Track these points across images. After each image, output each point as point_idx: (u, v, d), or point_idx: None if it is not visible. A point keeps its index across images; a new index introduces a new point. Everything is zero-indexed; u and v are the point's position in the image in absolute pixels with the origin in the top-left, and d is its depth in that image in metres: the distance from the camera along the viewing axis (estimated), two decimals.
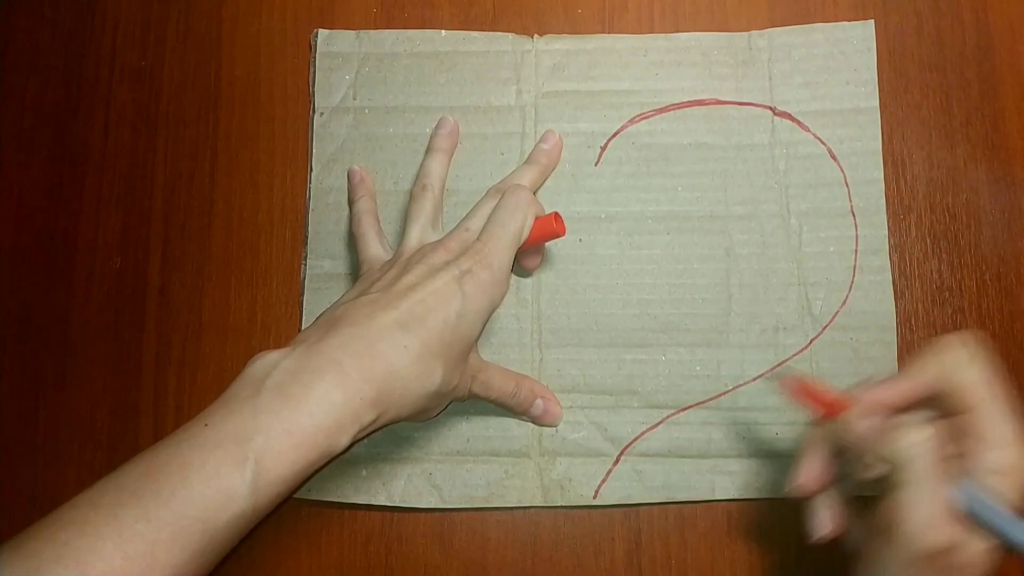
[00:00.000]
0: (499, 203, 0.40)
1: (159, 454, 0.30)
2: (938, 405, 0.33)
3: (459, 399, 0.40)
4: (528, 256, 0.44)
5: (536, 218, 0.40)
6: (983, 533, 0.31)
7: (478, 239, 0.39)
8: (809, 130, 0.46)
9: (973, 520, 0.31)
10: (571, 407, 0.44)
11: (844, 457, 0.35)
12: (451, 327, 0.35)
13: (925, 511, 0.30)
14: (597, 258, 0.45)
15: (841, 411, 0.34)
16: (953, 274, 0.45)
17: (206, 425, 0.30)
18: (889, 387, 0.34)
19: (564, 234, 0.40)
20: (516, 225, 0.39)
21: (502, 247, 0.38)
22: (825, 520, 0.35)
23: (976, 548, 0.31)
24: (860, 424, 0.33)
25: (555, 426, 0.44)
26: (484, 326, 0.38)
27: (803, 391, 0.36)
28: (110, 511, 0.28)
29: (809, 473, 0.35)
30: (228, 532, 0.29)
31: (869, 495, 0.33)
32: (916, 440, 0.31)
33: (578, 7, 0.48)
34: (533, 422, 0.44)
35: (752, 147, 0.46)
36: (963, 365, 0.33)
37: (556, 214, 0.40)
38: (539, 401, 0.43)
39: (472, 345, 0.38)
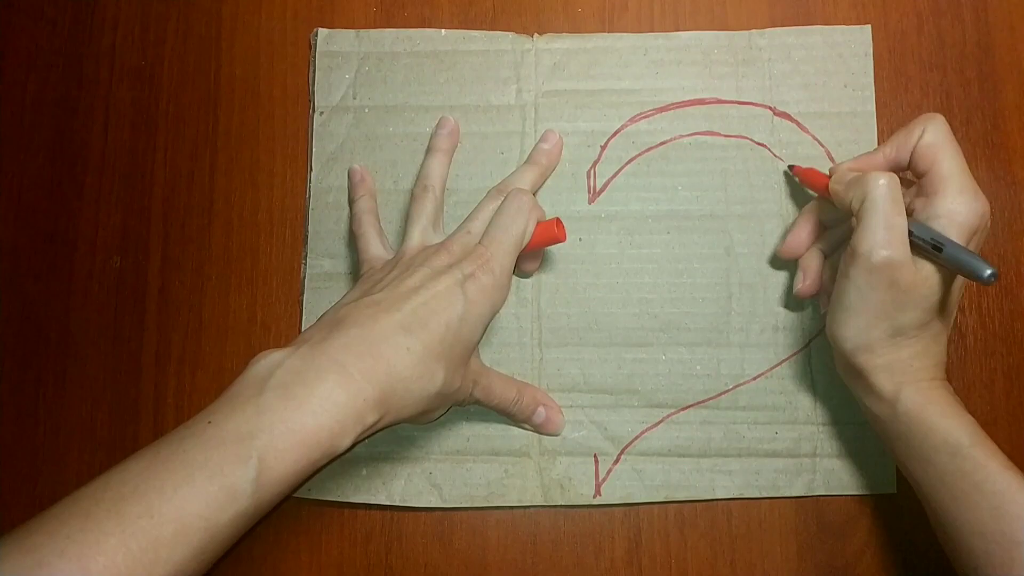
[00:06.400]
0: (501, 207, 0.40)
1: (161, 450, 0.30)
2: (913, 172, 0.39)
3: (460, 404, 0.40)
4: (527, 259, 0.44)
5: (538, 223, 0.40)
6: (927, 258, 0.36)
7: (480, 243, 0.39)
8: (808, 131, 0.46)
9: (919, 246, 0.36)
10: (571, 406, 0.44)
11: (827, 228, 0.43)
12: (453, 330, 0.35)
13: (879, 232, 0.35)
14: (597, 257, 0.45)
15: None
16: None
17: (209, 422, 0.30)
18: (863, 158, 0.40)
19: (565, 240, 0.40)
20: (518, 230, 0.39)
21: (504, 252, 0.38)
22: (803, 275, 0.42)
23: (922, 272, 0.35)
24: (840, 180, 0.39)
25: (557, 435, 0.44)
26: (485, 330, 0.38)
27: (806, 173, 0.43)
28: (113, 506, 0.28)
29: (795, 236, 0.43)
30: (230, 529, 0.29)
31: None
32: (876, 181, 0.36)
33: (578, 6, 0.48)
34: (535, 430, 0.44)
35: (752, 147, 0.46)
36: (925, 131, 0.37)
37: (558, 220, 0.40)
38: (541, 409, 0.43)
39: (473, 348, 0.38)
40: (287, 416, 0.31)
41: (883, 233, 0.35)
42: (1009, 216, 0.46)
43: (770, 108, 0.46)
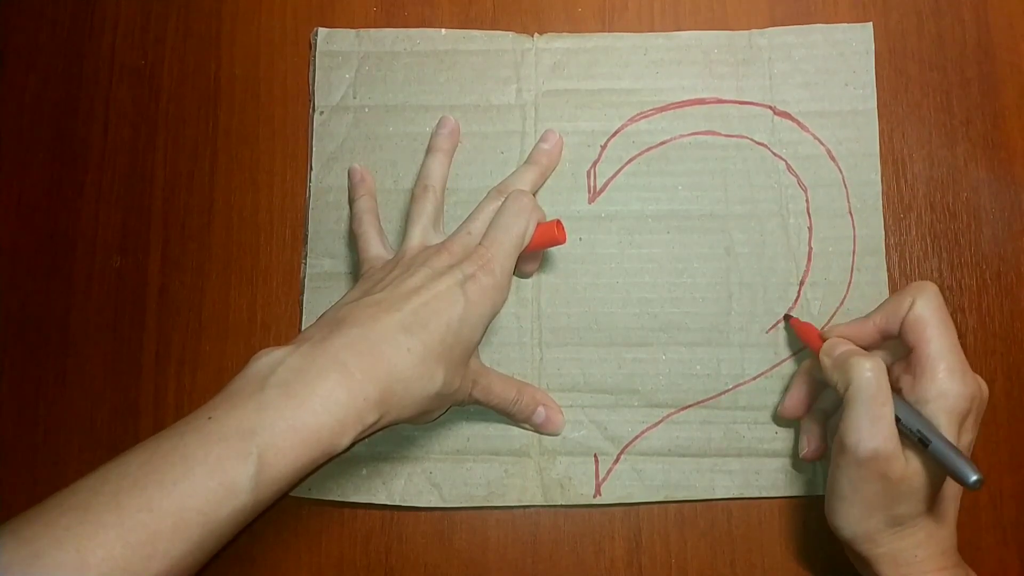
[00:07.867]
0: (502, 208, 0.40)
1: (161, 444, 0.30)
2: (902, 344, 0.37)
3: (459, 404, 0.40)
4: (527, 260, 0.44)
5: (538, 224, 0.40)
6: (916, 450, 0.35)
7: (481, 244, 0.39)
8: (808, 130, 0.46)
9: (906, 435, 0.34)
10: (571, 406, 0.44)
11: (825, 388, 0.41)
12: (453, 331, 0.35)
13: (864, 425, 0.34)
14: (597, 257, 0.45)
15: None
16: (953, 273, 0.45)
17: (210, 418, 0.30)
18: (855, 325, 0.39)
19: (565, 241, 0.40)
20: (519, 231, 0.39)
21: (505, 253, 0.38)
22: (807, 441, 0.41)
23: (912, 464, 0.34)
24: (829, 353, 0.38)
25: (557, 434, 0.44)
26: (485, 331, 0.38)
27: (801, 328, 0.42)
28: (112, 498, 0.28)
29: (793, 398, 0.42)
30: (228, 525, 0.29)
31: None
32: (862, 364, 0.35)
33: (578, 6, 0.48)
34: (535, 430, 0.44)
35: (752, 146, 0.46)
36: (915, 303, 0.36)
37: (558, 221, 0.40)
38: (541, 409, 0.43)
39: (473, 349, 0.38)
40: (288, 414, 0.31)
41: (868, 426, 0.34)
42: (1009, 216, 0.46)
43: (770, 107, 0.46)
